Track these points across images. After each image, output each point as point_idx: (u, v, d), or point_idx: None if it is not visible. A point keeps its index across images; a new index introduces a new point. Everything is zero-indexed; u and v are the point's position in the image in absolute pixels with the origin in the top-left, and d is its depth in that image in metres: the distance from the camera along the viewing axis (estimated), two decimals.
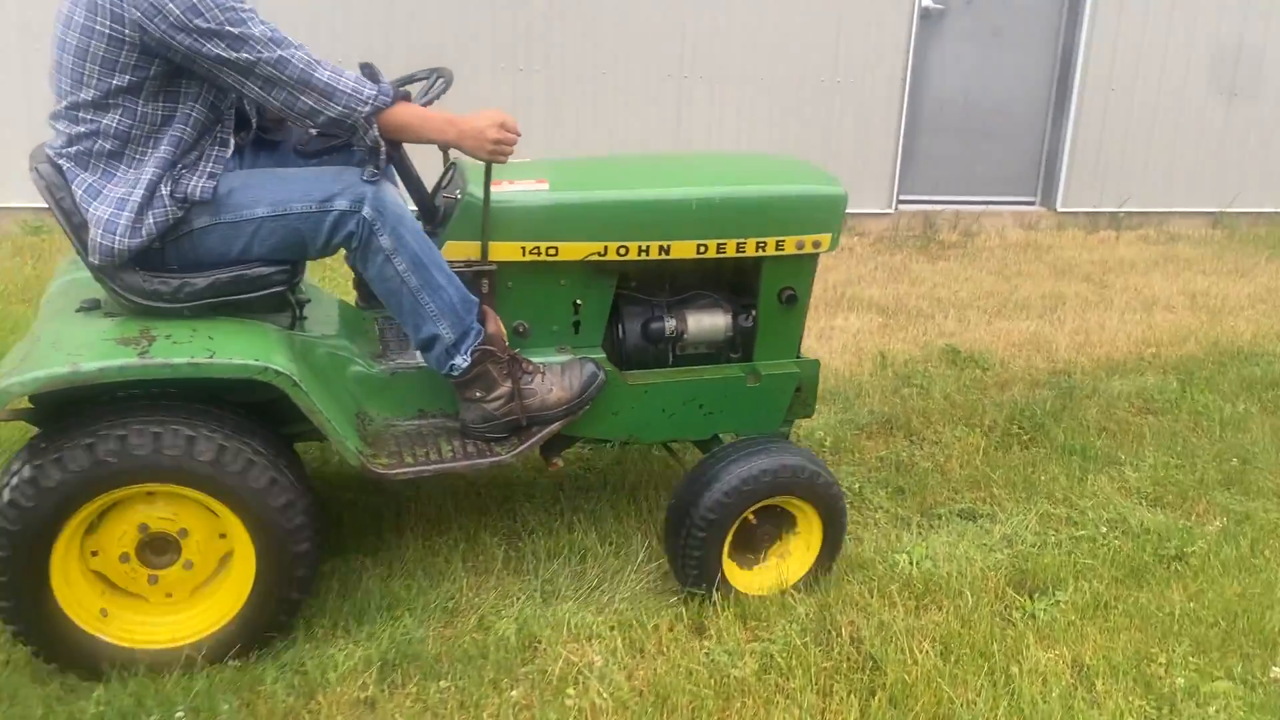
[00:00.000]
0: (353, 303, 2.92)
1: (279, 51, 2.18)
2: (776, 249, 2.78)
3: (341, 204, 2.34)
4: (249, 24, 2.15)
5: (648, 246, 2.67)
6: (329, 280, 4.65)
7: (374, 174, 2.37)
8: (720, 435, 2.97)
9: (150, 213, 2.24)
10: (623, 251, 2.66)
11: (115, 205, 2.21)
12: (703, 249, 2.72)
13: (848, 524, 2.86)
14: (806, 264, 2.88)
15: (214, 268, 2.33)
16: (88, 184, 2.24)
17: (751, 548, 2.79)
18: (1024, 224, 7.39)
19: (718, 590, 2.68)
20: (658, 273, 2.83)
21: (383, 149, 2.34)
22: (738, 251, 2.75)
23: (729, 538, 2.67)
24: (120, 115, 2.21)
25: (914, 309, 5.38)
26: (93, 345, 2.19)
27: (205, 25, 2.11)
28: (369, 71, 2.34)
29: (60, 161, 2.26)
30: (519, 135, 2.42)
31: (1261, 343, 5.11)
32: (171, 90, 2.24)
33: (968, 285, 5.91)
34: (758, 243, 2.76)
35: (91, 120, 2.21)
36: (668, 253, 2.70)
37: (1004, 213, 7.46)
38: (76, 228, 2.26)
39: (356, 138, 2.33)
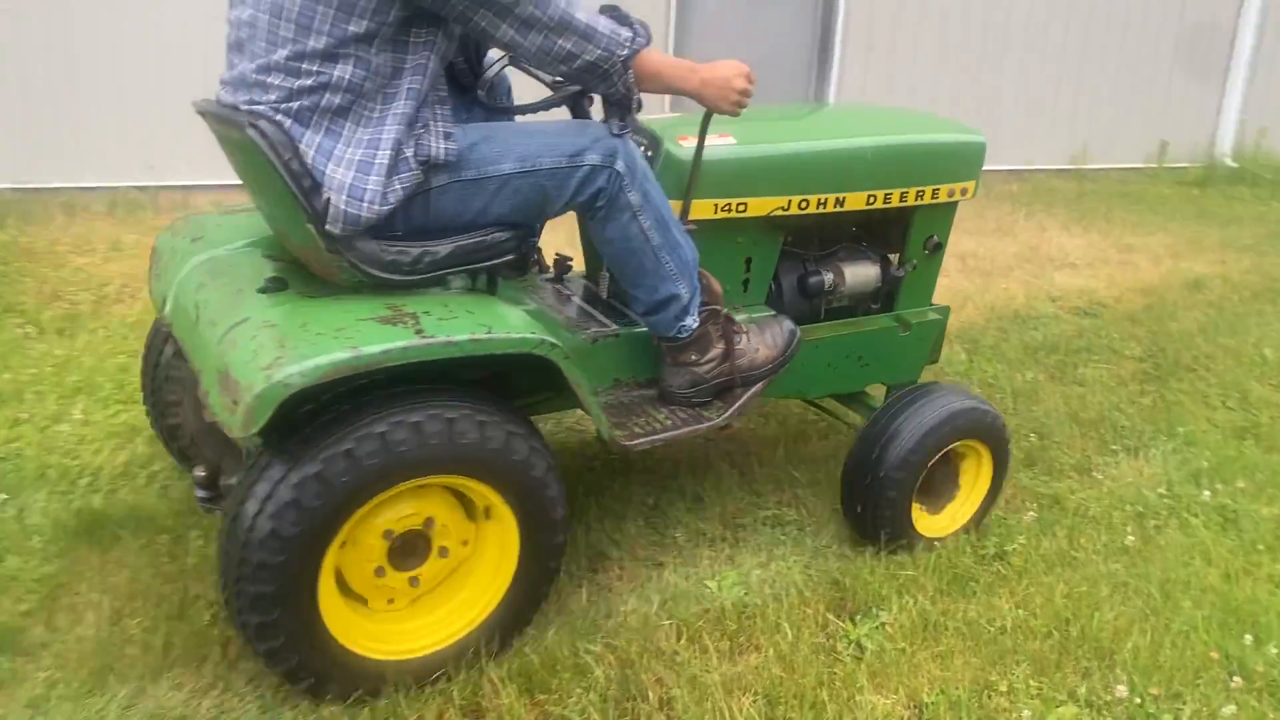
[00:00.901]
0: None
1: None
2: (932, 197, 2.81)
3: (593, 158, 2.17)
4: None
5: (826, 199, 2.65)
6: None
7: (623, 126, 2.20)
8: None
9: (397, 177, 1.99)
10: (803, 205, 2.63)
11: (358, 169, 1.96)
12: (872, 200, 2.71)
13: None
14: (950, 212, 2.95)
15: (445, 233, 2.11)
16: (317, 144, 1.96)
17: (932, 493, 2.78)
18: None
19: (906, 541, 2.71)
20: (817, 226, 2.79)
21: (636, 97, 2.17)
22: (900, 201, 2.76)
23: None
24: (353, 66, 1.93)
25: None
26: (356, 327, 1.91)
27: None
28: (617, 15, 2.16)
29: (279, 119, 1.94)
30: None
31: (1034, 304, 5.10)
32: (402, 40, 1.96)
33: None
34: (918, 191, 2.77)
35: (319, 72, 1.92)
36: (842, 205, 2.68)
37: None
38: (307, 192, 1.94)
39: (607, 85, 2.14)
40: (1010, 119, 8.02)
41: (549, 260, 2.89)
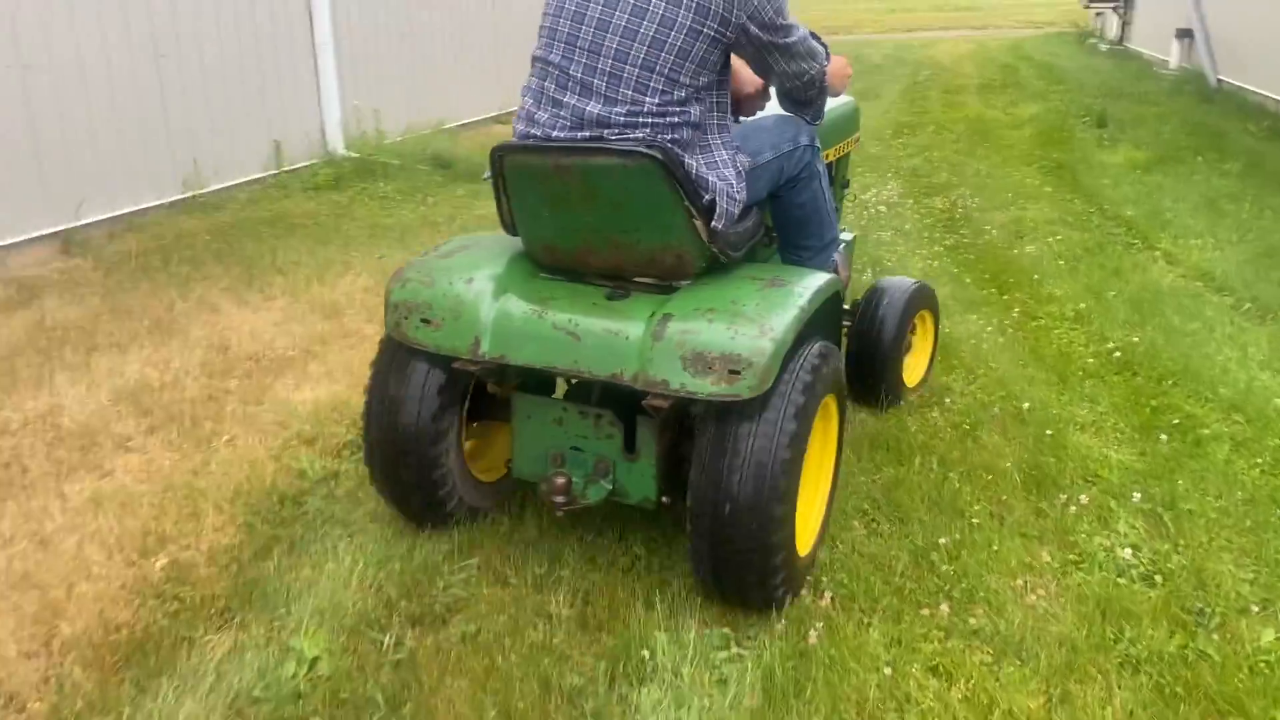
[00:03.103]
0: None
1: (801, 30, 2.60)
2: (844, 149, 3.93)
3: (804, 140, 2.90)
4: (789, 13, 2.54)
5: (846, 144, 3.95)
6: None
7: (816, 116, 2.94)
8: None
9: (740, 180, 2.60)
10: (838, 151, 3.78)
11: (726, 177, 2.53)
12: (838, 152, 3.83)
13: None
14: (849, 160, 4.15)
15: (746, 215, 2.68)
16: (696, 163, 2.48)
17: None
18: None
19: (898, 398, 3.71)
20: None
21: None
22: (837, 154, 3.80)
23: None
24: (702, 107, 2.49)
25: None
26: (764, 295, 2.49)
27: (782, 21, 2.50)
28: (813, 34, 2.76)
29: (667, 146, 2.39)
30: None
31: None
32: (722, 79, 2.56)
33: None
34: (839, 147, 3.81)
35: (681, 112, 2.43)
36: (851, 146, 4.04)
37: None
38: (696, 202, 2.43)
39: (816, 92, 2.79)
40: (106, 157, 5.90)
41: None
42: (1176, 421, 3.53)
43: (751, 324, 2.32)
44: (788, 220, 3.00)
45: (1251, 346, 4.20)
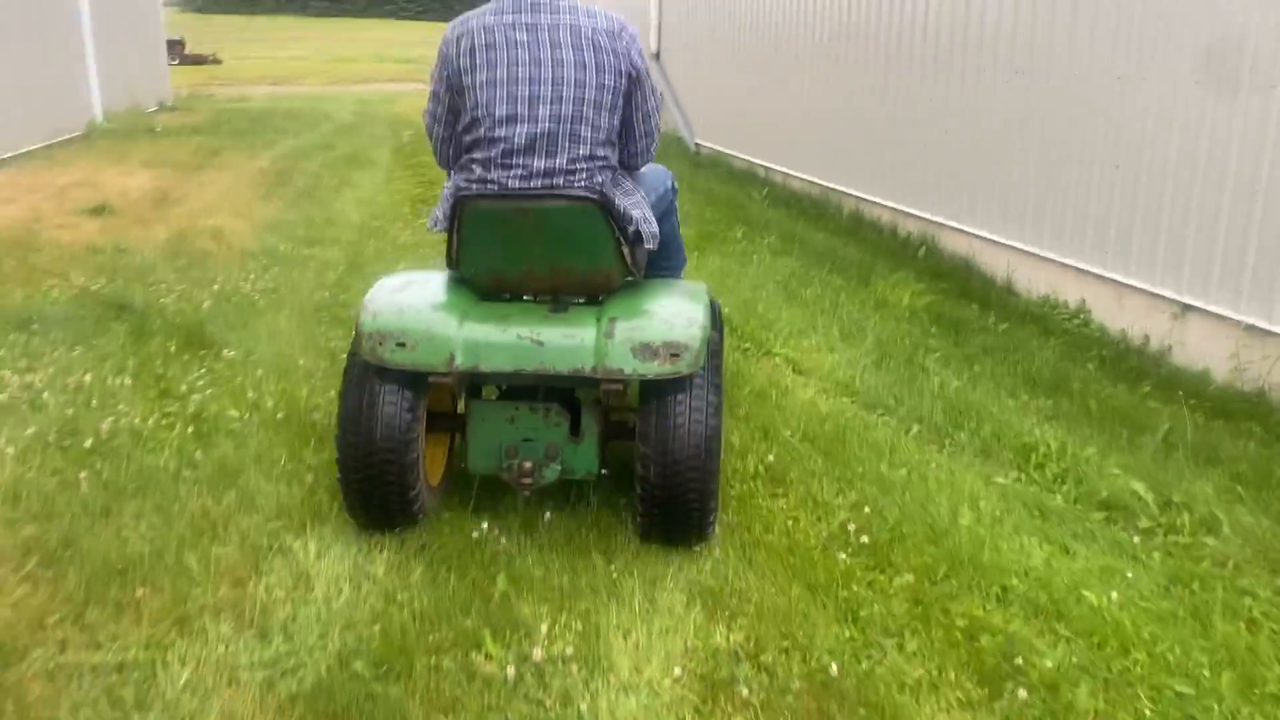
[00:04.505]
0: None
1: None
2: None
3: (669, 181, 3.74)
4: None
5: None
6: None
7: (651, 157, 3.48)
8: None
9: (649, 212, 3.26)
10: None
11: (642, 212, 3.19)
12: None
13: None
14: None
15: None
16: (621, 201, 3.12)
17: None
18: None
19: None
20: None
21: None
22: None
23: None
24: (613, 150, 3.17)
25: None
26: (676, 301, 3.19)
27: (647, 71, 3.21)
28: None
29: (601, 189, 3.08)
30: None
31: None
32: (623, 127, 3.21)
33: None
34: None
35: (604, 157, 3.10)
36: None
37: None
38: (624, 232, 3.08)
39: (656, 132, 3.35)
40: None
41: None
42: (1016, 660, 2.65)
43: (679, 318, 2.99)
44: (659, 245, 3.37)
45: (981, 499, 3.53)
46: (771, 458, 3.79)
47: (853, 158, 8.40)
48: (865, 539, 3.22)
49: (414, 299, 3.08)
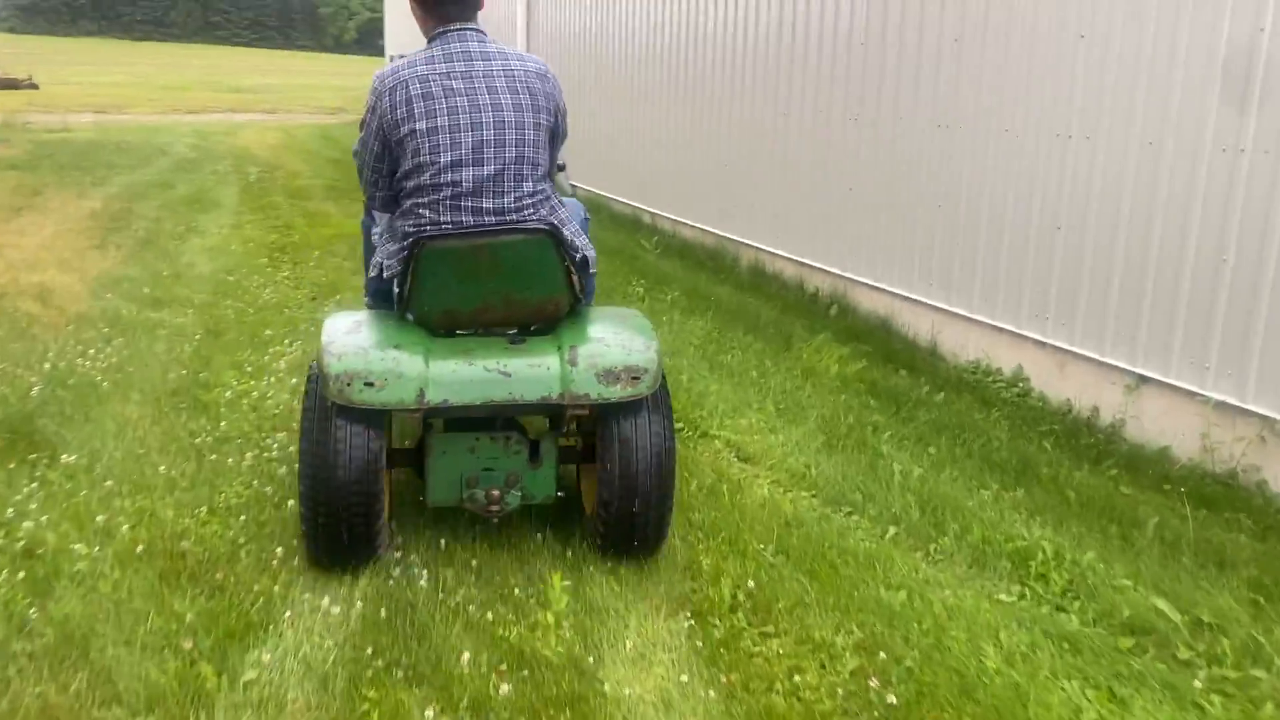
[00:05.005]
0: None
1: None
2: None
3: (584, 212, 3.76)
4: None
5: None
6: None
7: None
8: None
9: (589, 240, 3.42)
10: None
11: (584, 240, 3.36)
12: None
13: None
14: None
15: None
16: (565, 230, 3.25)
17: None
18: None
19: None
20: None
21: None
22: None
23: None
24: (551, 184, 3.34)
25: None
26: (628, 328, 3.32)
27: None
28: None
29: (549, 220, 3.22)
30: None
31: None
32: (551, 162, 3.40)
33: None
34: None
35: (543, 190, 3.24)
36: None
37: None
38: (572, 261, 3.22)
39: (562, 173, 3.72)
40: None
41: None
42: None
43: (635, 343, 3.15)
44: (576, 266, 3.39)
45: (1000, 629, 3.06)
46: (752, 583, 3.24)
47: (751, 207, 8.01)
48: (892, 698, 2.70)
49: (373, 339, 3.15)
